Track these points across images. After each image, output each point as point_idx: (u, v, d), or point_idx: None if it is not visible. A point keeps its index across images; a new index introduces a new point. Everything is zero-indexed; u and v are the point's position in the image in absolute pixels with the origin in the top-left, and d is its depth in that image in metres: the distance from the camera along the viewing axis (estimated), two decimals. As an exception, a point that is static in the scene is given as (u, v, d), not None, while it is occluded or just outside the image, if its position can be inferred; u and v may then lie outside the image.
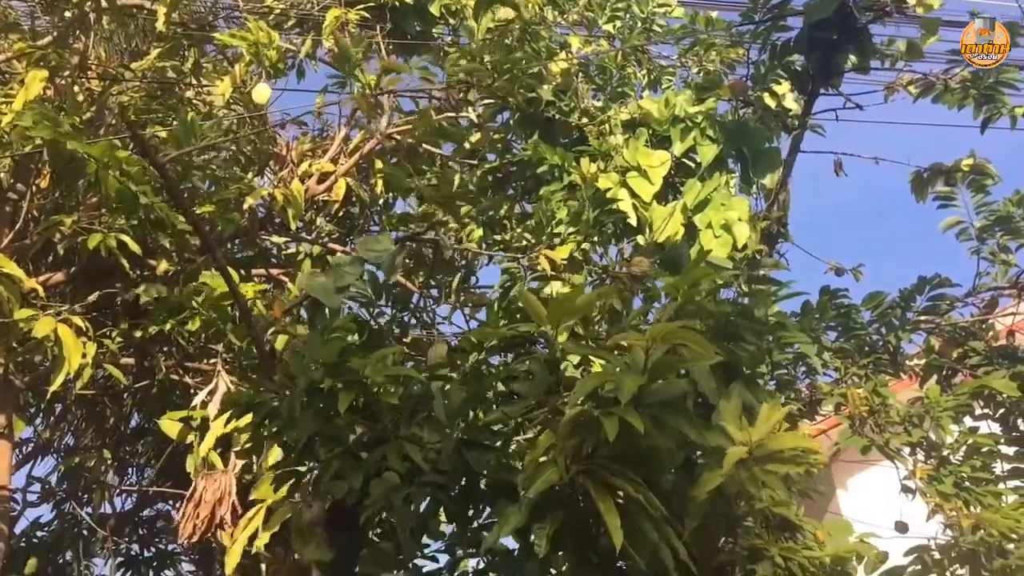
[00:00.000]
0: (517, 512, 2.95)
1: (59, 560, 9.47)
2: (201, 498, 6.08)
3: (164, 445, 8.46)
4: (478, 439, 3.27)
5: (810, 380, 5.18)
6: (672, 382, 3.08)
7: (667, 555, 2.93)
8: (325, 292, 4.13)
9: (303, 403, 3.25)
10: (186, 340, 7.16)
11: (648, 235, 4.87)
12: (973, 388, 5.09)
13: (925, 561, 4.45)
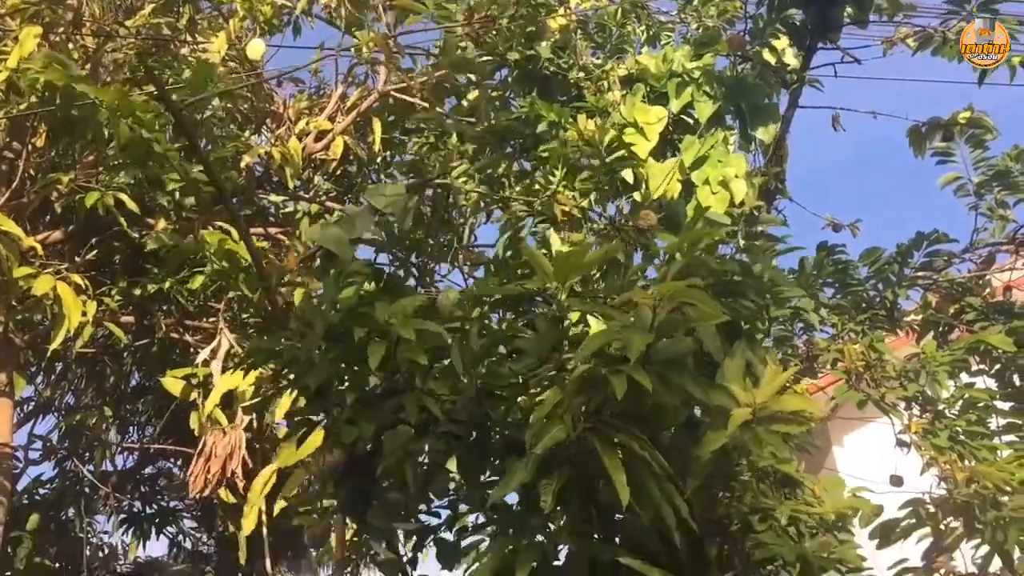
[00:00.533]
0: (524, 468, 2.98)
1: (61, 517, 9.57)
2: (211, 453, 6.15)
3: (165, 404, 8.52)
4: (494, 389, 3.30)
5: (807, 336, 5.20)
6: (678, 340, 3.09)
7: (669, 513, 2.97)
8: (338, 242, 4.11)
9: (321, 348, 3.26)
10: (186, 298, 7.18)
11: (645, 191, 4.87)
12: (969, 343, 5.12)
13: (919, 514, 4.49)
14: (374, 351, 3.17)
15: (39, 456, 9.50)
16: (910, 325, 5.61)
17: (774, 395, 3.10)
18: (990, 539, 4.17)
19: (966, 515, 4.26)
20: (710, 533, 3.67)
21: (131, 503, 10.16)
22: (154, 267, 7.39)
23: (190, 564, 11.25)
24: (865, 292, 5.48)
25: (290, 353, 3.28)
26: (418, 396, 3.24)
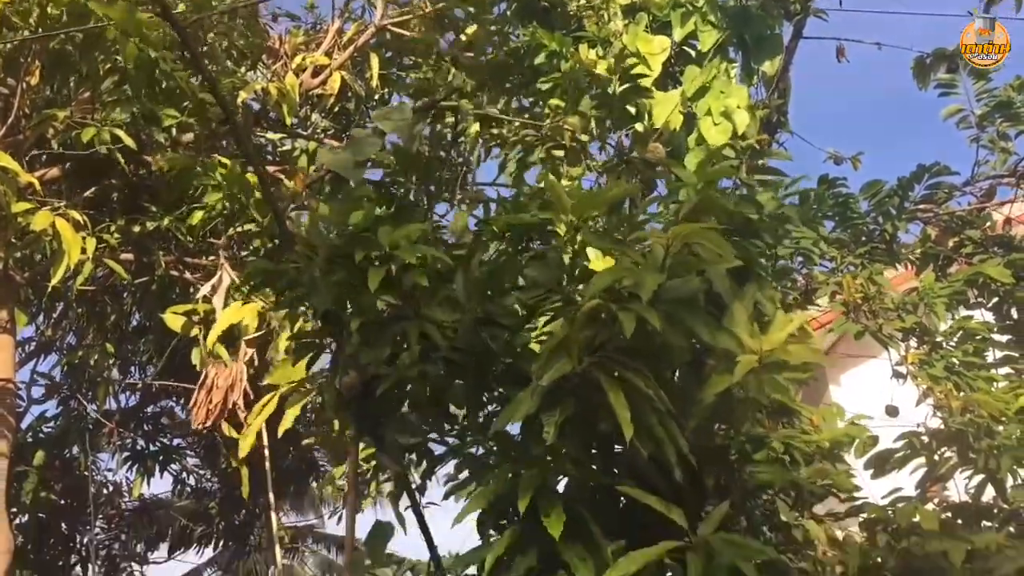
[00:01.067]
0: (529, 398, 3.00)
1: (66, 454, 9.69)
2: (213, 385, 6.20)
3: (166, 343, 8.57)
4: (494, 319, 3.31)
5: (807, 270, 5.21)
6: (688, 280, 3.09)
7: (671, 450, 3.00)
8: (345, 166, 4.08)
9: (324, 271, 3.26)
10: (185, 235, 7.18)
11: (647, 123, 4.83)
12: (968, 275, 5.13)
13: (914, 445, 4.54)
14: (373, 274, 3.17)
15: (42, 395, 9.60)
16: (909, 258, 5.61)
17: (781, 343, 3.11)
18: (983, 467, 4.23)
19: (960, 444, 4.31)
20: (708, 463, 3.72)
21: (134, 441, 10.28)
22: (152, 205, 7.38)
23: (194, 500, 11.43)
24: (865, 225, 5.47)
25: (293, 275, 3.28)
26: (420, 323, 3.25)
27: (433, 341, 3.21)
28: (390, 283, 3.33)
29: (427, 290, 3.36)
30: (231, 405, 6.37)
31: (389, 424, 3.38)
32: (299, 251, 3.30)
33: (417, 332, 3.21)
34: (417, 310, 3.32)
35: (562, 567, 3.08)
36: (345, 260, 3.26)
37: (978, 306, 5.39)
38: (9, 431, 6.65)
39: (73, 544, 10.23)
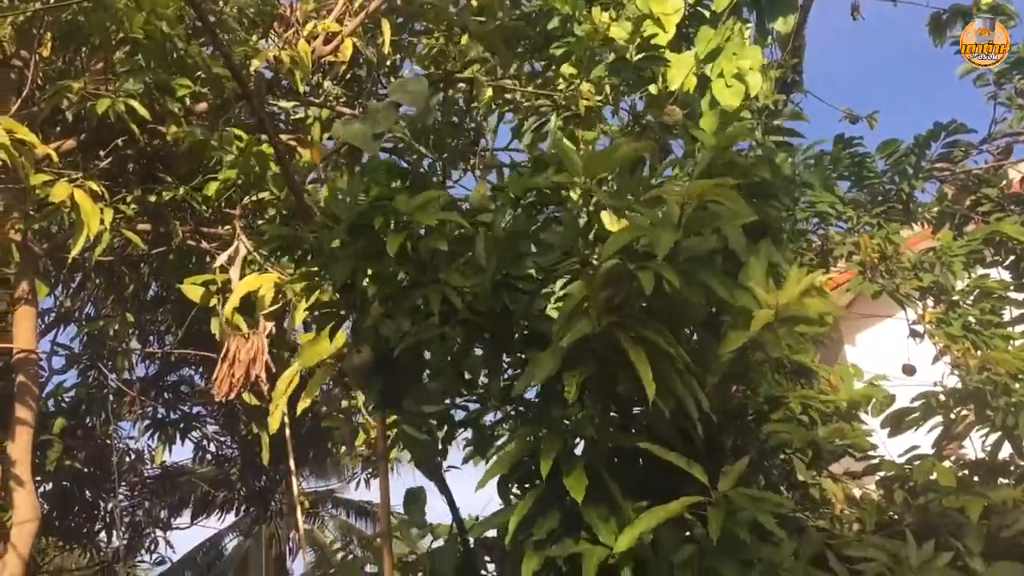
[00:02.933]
0: (550, 359, 3.03)
1: (87, 423, 9.81)
2: (235, 358, 6.26)
3: (184, 312, 8.64)
4: (513, 283, 3.33)
5: (823, 231, 5.20)
6: (704, 238, 3.11)
7: (692, 406, 3.03)
8: (362, 138, 4.08)
9: (344, 241, 3.29)
10: (201, 205, 7.21)
11: (660, 85, 4.81)
12: (985, 234, 5.12)
13: (931, 403, 4.56)
14: (392, 239, 3.19)
15: (62, 366, 9.71)
16: (926, 218, 5.59)
17: (797, 297, 3.13)
18: (1000, 424, 4.24)
19: (977, 402, 4.32)
20: (726, 424, 3.75)
21: (155, 409, 10.40)
22: (167, 175, 7.41)
23: (215, 467, 11.58)
24: (882, 185, 5.45)
25: (312, 244, 3.30)
26: (441, 288, 3.28)
27: (453, 306, 3.24)
28: (407, 252, 3.36)
29: (445, 256, 3.38)
30: (253, 378, 6.44)
31: (410, 394, 3.42)
32: (319, 222, 3.32)
33: (439, 297, 3.23)
34: (436, 277, 3.35)
35: (583, 528, 3.13)
36: (364, 230, 3.28)
37: (995, 264, 5.38)
38: (33, 400, 6.74)
39: (97, 511, 10.39)
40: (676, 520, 3.07)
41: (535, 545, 3.06)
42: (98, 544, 10.89)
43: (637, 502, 3.23)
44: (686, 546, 3.05)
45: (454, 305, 3.23)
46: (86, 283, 9.50)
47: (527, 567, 3.01)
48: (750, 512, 2.99)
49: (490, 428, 3.62)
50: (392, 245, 3.18)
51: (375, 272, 3.34)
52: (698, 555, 3.03)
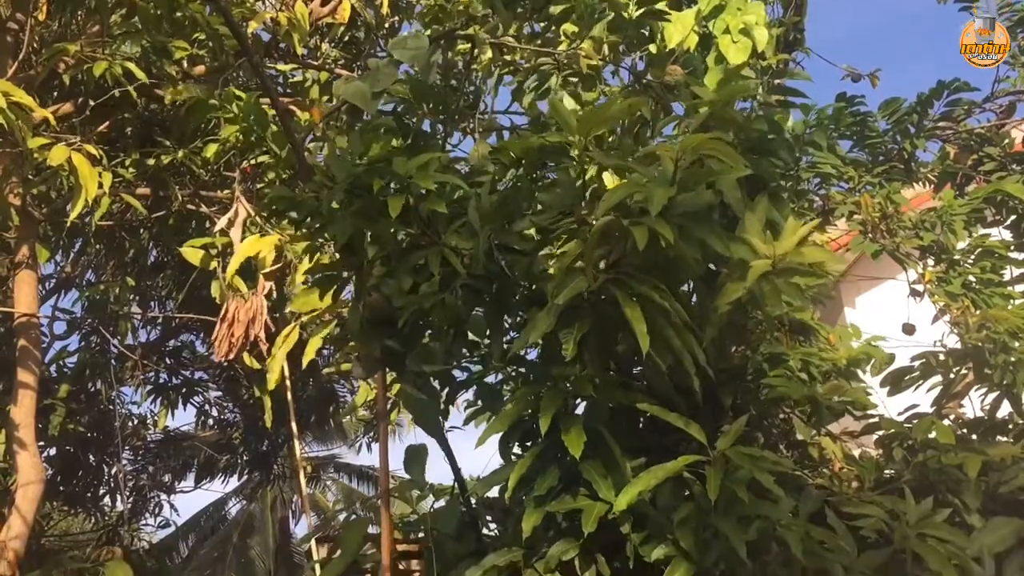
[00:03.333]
0: (547, 317, 3.03)
1: (90, 387, 9.85)
2: (234, 318, 6.26)
3: (184, 277, 8.64)
4: (510, 244, 3.33)
5: (824, 191, 5.18)
6: (699, 193, 3.09)
7: (689, 360, 3.04)
8: (362, 97, 4.05)
9: (343, 202, 3.28)
10: (200, 168, 7.19)
11: (660, 44, 4.76)
12: (987, 192, 5.09)
13: (930, 363, 4.57)
14: (394, 201, 3.19)
15: (64, 331, 9.73)
16: (927, 177, 5.57)
17: (794, 247, 3.12)
18: (999, 382, 4.25)
19: (976, 360, 4.33)
20: (726, 383, 3.76)
21: (157, 374, 10.43)
22: (165, 139, 7.38)
23: (218, 431, 11.64)
24: (883, 144, 5.41)
25: (312, 204, 3.29)
26: (440, 250, 3.28)
27: (453, 268, 3.24)
28: (408, 212, 3.35)
29: (445, 218, 3.37)
30: (253, 338, 6.44)
31: (412, 354, 3.42)
32: (318, 181, 3.31)
33: (438, 258, 3.23)
34: (436, 238, 3.35)
35: (583, 485, 3.16)
36: (364, 191, 3.27)
37: (996, 224, 5.36)
38: (35, 364, 6.76)
39: (101, 475, 10.45)
40: (675, 478, 3.09)
41: (535, 501, 3.08)
42: (102, 508, 10.97)
43: (636, 460, 3.25)
44: (685, 504, 3.07)
45: (454, 267, 3.23)
46: (86, 248, 9.49)
47: (527, 522, 3.04)
48: (748, 470, 3.01)
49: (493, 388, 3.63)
50: (394, 208, 3.17)
51: (375, 233, 3.33)
52: (697, 513, 3.05)
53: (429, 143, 3.88)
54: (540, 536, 3.18)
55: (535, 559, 3.15)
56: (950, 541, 3.15)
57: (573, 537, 3.11)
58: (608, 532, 3.10)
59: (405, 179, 3.25)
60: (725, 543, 2.95)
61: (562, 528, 3.20)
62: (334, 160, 3.37)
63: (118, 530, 10.72)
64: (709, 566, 3.02)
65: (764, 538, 3.10)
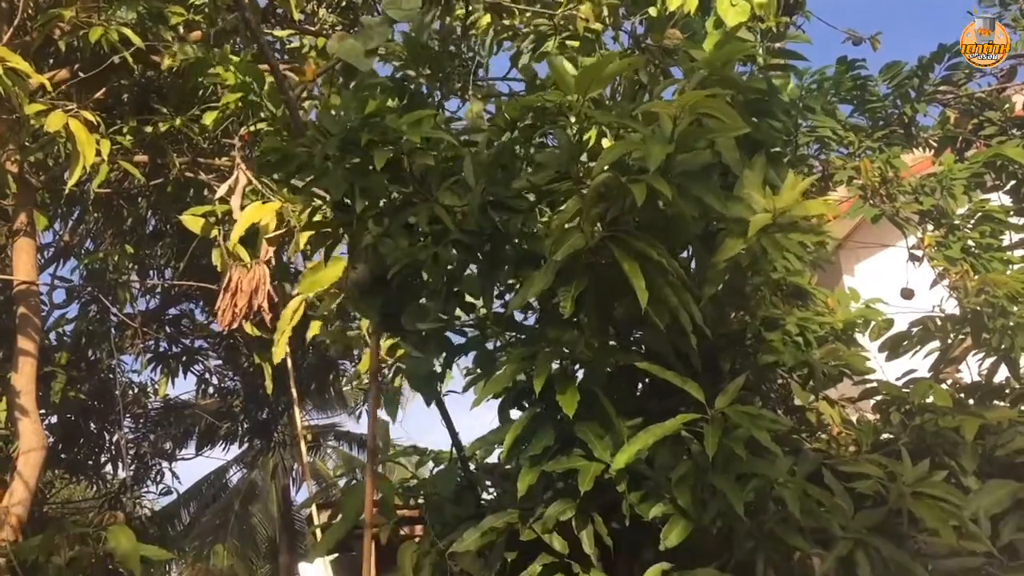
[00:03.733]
0: (544, 274, 3.03)
1: (90, 356, 9.88)
2: (237, 288, 6.25)
3: (184, 246, 8.64)
4: (504, 201, 3.32)
5: (824, 156, 5.16)
6: (698, 153, 3.07)
7: (686, 318, 3.04)
8: (355, 54, 4.03)
9: (336, 157, 3.27)
10: (198, 136, 7.16)
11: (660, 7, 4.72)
12: (987, 157, 5.07)
13: (929, 328, 4.56)
14: (379, 155, 3.17)
15: (63, 300, 9.74)
16: (928, 142, 5.54)
17: (795, 200, 3.11)
18: (997, 347, 4.25)
19: (974, 324, 4.33)
20: (724, 347, 3.77)
21: (157, 343, 10.46)
22: (162, 106, 7.35)
23: (218, 399, 11.69)
24: (884, 109, 5.38)
25: (304, 157, 3.28)
26: (430, 207, 3.27)
27: (445, 225, 3.23)
28: (401, 170, 3.34)
29: (438, 175, 3.36)
30: (256, 308, 6.44)
31: (407, 312, 3.42)
32: (311, 136, 3.29)
33: (427, 215, 3.23)
34: (428, 195, 3.34)
35: (579, 445, 3.17)
36: (356, 146, 3.26)
37: (996, 189, 5.35)
38: (35, 331, 6.77)
39: (103, 443, 10.52)
40: (673, 438, 3.10)
41: (531, 461, 3.09)
42: (104, 476, 11.05)
43: (633, 421, 3.26)
44: (683, 463, 3.08)
45: (446, 224, 3.23)
46: (85, 217, 9.47)
47: (523, 482, 3.05)
48: (746, 429, 3.02)
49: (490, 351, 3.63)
50: (379, 161, 3.16)
51: (368, 189, 3.32)
52: (694, 471, 3.07)
53: (425, 104, 3.86)
54: (537, 497, 3.20)
55: (532, 520, 3.17)
56: (946, 500, 3.16)
57: (570, 497, 3.12)
58: (605, 492, 3.11)
59: (396, 135, 3.24)
60: (723, 501, 2.96)
61: (559, 489, 3.22)
62: (327, 116, 3.36)
63: (120, 497, 10.79)
64: (706, 524, 3.04)
65: (762, 497, 3.12)
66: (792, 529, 3.06)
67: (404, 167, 3.32)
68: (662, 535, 2.99)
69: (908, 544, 3.31)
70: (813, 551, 3.15)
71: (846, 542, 3.06)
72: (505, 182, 3.35)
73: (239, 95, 6.03)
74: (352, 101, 3.44)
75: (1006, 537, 3.47)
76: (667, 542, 2.97)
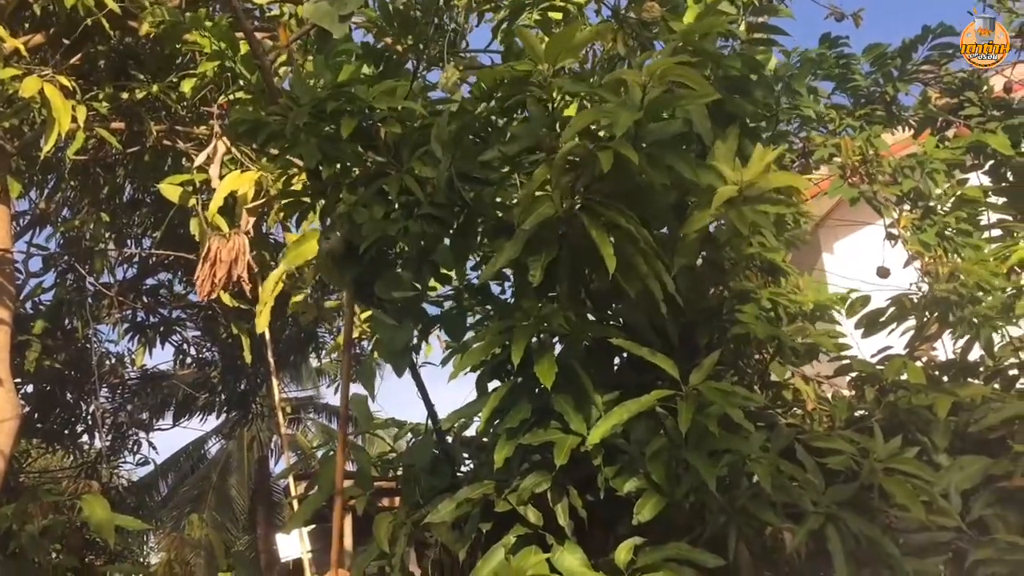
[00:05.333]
0: (514, 244, 3.01)
1: (66, 325, 9.80)
2: (216, 258, 6.21)
3: (161, 216, 8.57)
4: (472, 172, 3.30)
5: (805, 133, 5.15)
6: (669, 122, 3.06)
7: (657, 287, 3.03)
8: (328, 18, 3.98)
9: (307, 125, 3.24)
10: (176, 103, 7.08)
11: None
12: (968, 142, 5.08)
13: (904, 305, 4.59)
14: (346, 122, 3.15)
15: (39, 269, 9.65)
16: (908, 122, 5.54)
17: (763, 173, 3.10)
18: (962, 335, 4.28)
19: (942, 310, 4.36)
20: (701, 322, 3.78)
21: (134, 313, 10.38)
22: (139, 72, 7.26)
23: (196, 369, 11.64)
24: (866, 88, 5.38)
25: (276, 126, 3.24)
26: (400, 177, 3.25)
27: (416, 197, 3.22)
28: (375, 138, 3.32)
29: (410, 145, 3.34)
30: (235, 278, 6.40)
31: (381, 281, 3.41)
32: (283, 104, 3.26)
33: (398, 186, 3.21)
34: (400, 165, 3.32)
35: (555, 418, 3.17)
36: (328, 114, 3.23)
37: (975, 168, 5.36)
38: (9, 299, 6.71)
39: (79, 413, 10.46)
40: (648, 413, 3.11)
41: (507, 434, 3.10)
42: (80, 446, 10.99)
43: (610, 395, 3.27)
44: (657, 438, 3.09)
45: (417, 196, 3.21)
46: (61, 185, 9.37)
47: (499, 454, 3.06)
48: (720, 405, 3.04)
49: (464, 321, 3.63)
50: (346, 129, 3.14)
51: (339, 158, 3.29)
52: (668, 447, 3.08)
53: (401, 72, 3.83)
54: (513, 469, 3.20)
55: (507, 491, 3.18)
56: (917, 476, 3.19)
57: (545, 470, 3.13)
58: (580, 465, 3.13)
59: (366, 103, 3.21)
60: (696, 477, 2.98)
61: (535, 461, 3.22)
62: (298, 83, 3.33)
63: (97, 467, 10.75)
64: (679, 499, 3.06)
65: (735, 472, 3.14)
66: (764, 504, 3.08)
67: (379, 136, 3.30)
68: (635, 509, 3.01)
69: (879, 519, 3.35)
70: (784, 526, 3.18)
71: (817, 517, 3.08)
72: (475, 154, 3.32)
73: (216, 62, 5.95)
74: (324, 68, 3.40)
75: (976, 512, 3.51)
76: (640, 516, 2.99)
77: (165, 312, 10.68)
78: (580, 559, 3.09)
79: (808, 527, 3.06)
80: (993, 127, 5.29)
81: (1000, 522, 3.51)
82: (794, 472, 3.17)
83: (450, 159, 3.17)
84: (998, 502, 3.55)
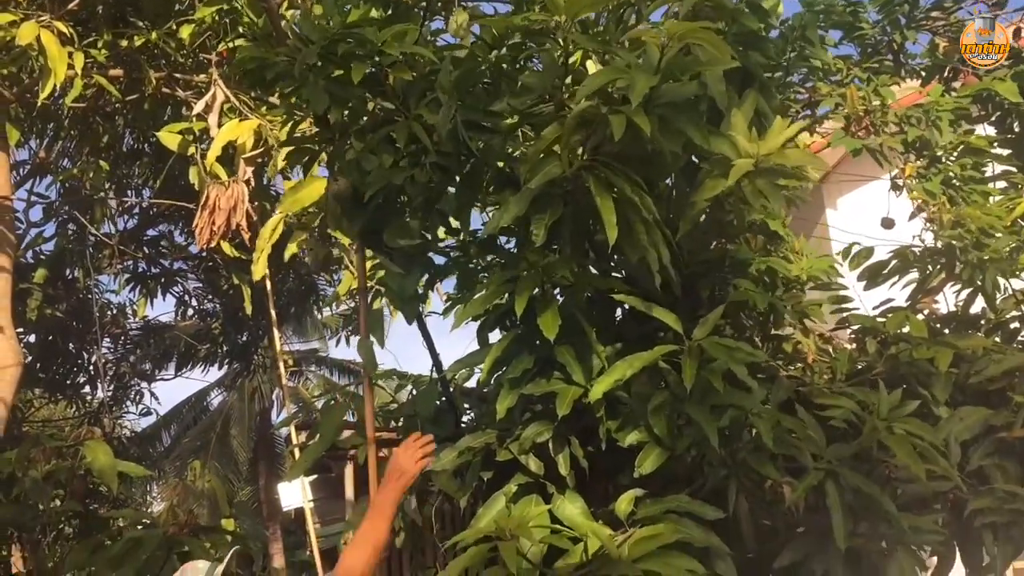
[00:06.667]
0: (519, 200, 2.99)
1: (67, 275, 9.78)
2: (215, 206, 6.16)
3: (160, 165, 8.50)
4: (478, 120, 3.26)
5: (811, 83, 5.09)
6: (684, 84, 3.01)
7: (654, 257, 3.02)
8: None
9: (316, 66, 3.19)
10: (175, 50, 6.99)
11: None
12: (975, 90, 5.02)
13: (907, 258, 4.57)
14: (357, 67, 3.10)
15: (40, 218, 9.59)
16: (916, 71, 5.47)
17: (779, 148, 3.07)
18: (968, 280, 4.27)
19: (948, 257, 4.34)
20: (703, 274, 3.77)
21: (135, 263, 10.35)
22: (138, 19, 7.15)
23: (198, 320, 11.65)
24: (873, 37, 5.30)
25: (284, 66, 3.19)
26: (408, 124, 3.21)
27: (423, 145, 3.18)
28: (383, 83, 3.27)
29: (417, 92, 3.29)
30: (234, 226, 6.35)
31: (390, 229, 3.39)
32: (292, 44, 3.20)
33: (406, 133, 3.17)
34: (408, 112, 3.28)
35: (558, 369, 3.17)
36: (337, 57, 3.18)
37: (982, 119, 5.30)
38: (10, 247, 6.68)
39: (81, 363, 10.47)
40: (651, 367, 3.11)
41: (510, 383, 3.10)
42: (83, 396, 11.03)
43: (612, 346, 3.27)
44: (659, 392, 3.10)
45: (424, 144, 3.17)
46: (60, 134, 9.28)
47: (502, 404, 3.07)
48: (723, 361, 3.04)
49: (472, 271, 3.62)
50: (357, 74, 3.09)
51: (348, 102, 3.25)
52: (671, 400, 3.09)
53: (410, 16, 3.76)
54: (515, 419, 3.22)
55: (509, 440, 3.19)
56: (918, 435, 3.21)
57: (547, 420, 3.15)
58: (582, 416, 3.14)
59: (376, 48, 3.16)
60: (698, 430, 2.99)
61: (536, 411, 3.24)
62: (308, 23, 3.26)
63: (99, 417, 10.80)
64: (681, 452, 3.07)
65: (736, 426, 3.15)
66: (764, 458, 3.10)
67: (387, 81, 3.25)
68: (637, 462, 3.03)
69: (878, 471, 3.37)
70: (784, 480, 3.20)
71: (817, 472, 3.10)
72: (482, 103, 3.28)
73: (215, 8, 5.86)
74: (333, 9, 3.34)
75: (975, 462, 3.54)
76: (641, 469, 3.01)
77: (166, 263, 10.64)
78: (581, 508, 3.12)
79: (808, 482, 3.08)
80: (1002, 75, 5.22)
81: (999, 472, 3.54)
82: (795, 427, 3.19)
83: (454, 106, 3.13)
84: (997, 452, 3.58)
